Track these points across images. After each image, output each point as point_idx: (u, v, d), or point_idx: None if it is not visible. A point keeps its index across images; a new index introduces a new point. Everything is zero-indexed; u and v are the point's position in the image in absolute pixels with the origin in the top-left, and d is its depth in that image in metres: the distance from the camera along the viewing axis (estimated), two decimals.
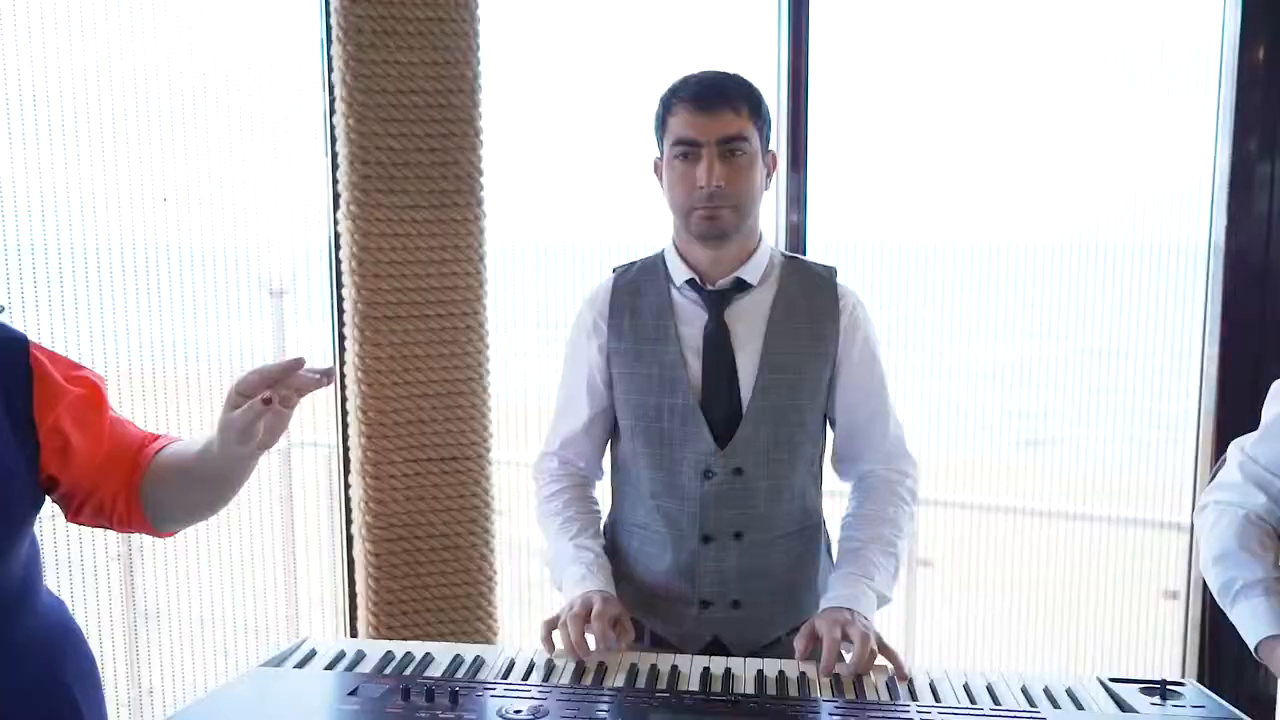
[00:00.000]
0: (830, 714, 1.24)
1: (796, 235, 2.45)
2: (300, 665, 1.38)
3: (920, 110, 2.70)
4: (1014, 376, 3.10)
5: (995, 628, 3.18)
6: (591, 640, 1.42)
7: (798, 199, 2.44)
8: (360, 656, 1.41)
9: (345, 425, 2.18)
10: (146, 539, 2.50)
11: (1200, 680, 2.49)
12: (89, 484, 1.25)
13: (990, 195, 2.74)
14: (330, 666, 1.37)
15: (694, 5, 2.64)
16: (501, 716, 1.20)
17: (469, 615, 2.14)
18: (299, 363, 1.16)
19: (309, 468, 3.14)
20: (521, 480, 2.54)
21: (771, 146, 1.59)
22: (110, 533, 2.52)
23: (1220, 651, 2.52)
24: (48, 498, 1.26)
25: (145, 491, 1.27)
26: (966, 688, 1.33)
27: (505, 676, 1.35)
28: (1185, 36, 2.50)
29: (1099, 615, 3.04)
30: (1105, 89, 2.59)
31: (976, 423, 3.20)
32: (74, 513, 1.29)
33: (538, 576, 2.98)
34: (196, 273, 2.36)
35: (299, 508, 3.09)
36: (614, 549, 1.69)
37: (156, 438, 1.32)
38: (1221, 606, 1.44)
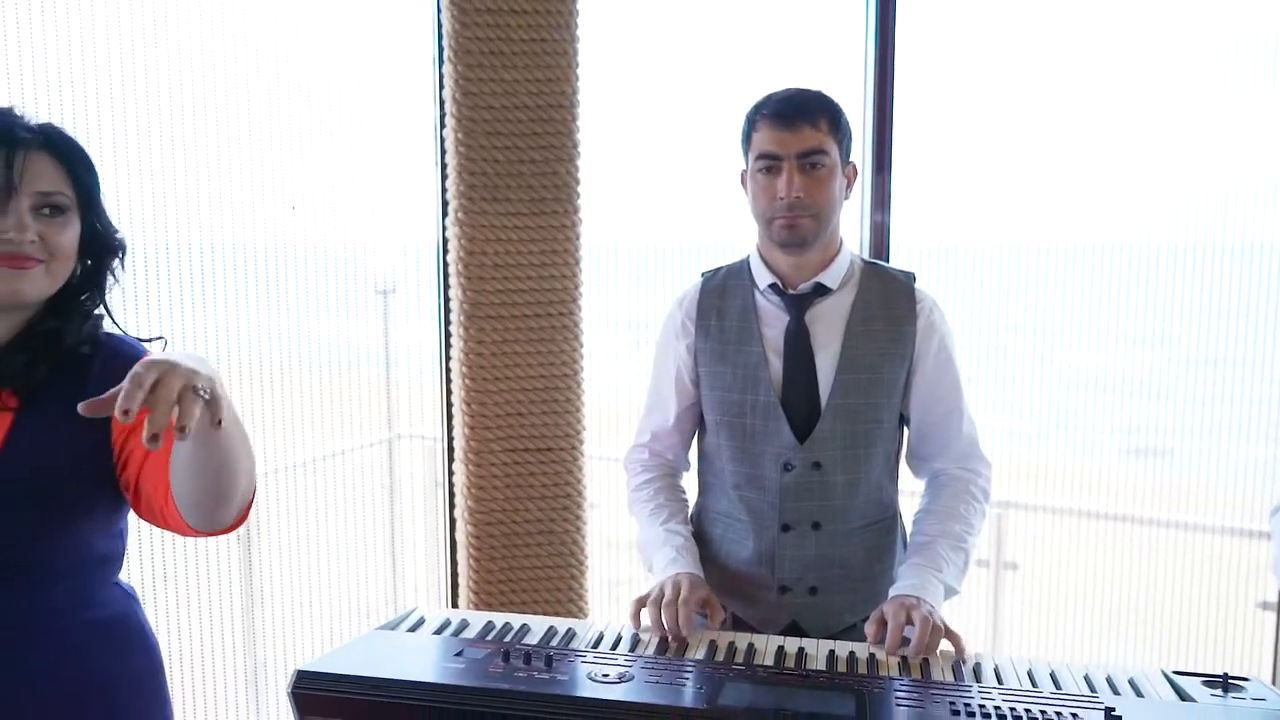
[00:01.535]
0: (896, 691, 1.32)
1: (880, 235, 2.50)
2: (412, 630, 1.52)
3: (1021, 109, 2.67)
4: (1120, 384, 3.02)
5: (1081, 633, 3.16)
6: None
7: (882, 200, 2.49)
8: (464, 624, 1.55)
9: (450, 417, 2.34)
10: (263, 521, 2.71)
11: None
12: (135, 473, 1.26)
13: (1098, 193, 2.68)
14: (438, 632, 1.51)
15: (782, 7, 2.70)
16: (591, 679, 1.32)
17: (561, 597, 2.28)
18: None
19: (413, 458, 3.31)
20: (612, 474, 2.66)
21: (852, 158, 1.68)
22: None
23: None
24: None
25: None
26: (1030, 674, 1.40)
27: (595, 646, 1.46)
28: None
29: (1189, 624, 2.99)
30: (1215, 83, 2.52)
31: (1079, 430, 3.15)
32: (133, 502, 1.30)
33: (626, 573, 3.08)
34: (312, 272, 2.53)
35: (402, 495, 3.27)
36: (700, 536, 1.78)
37: None
38: None
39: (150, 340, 1.37)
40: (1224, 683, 1.37)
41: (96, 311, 1.33)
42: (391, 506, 3.28)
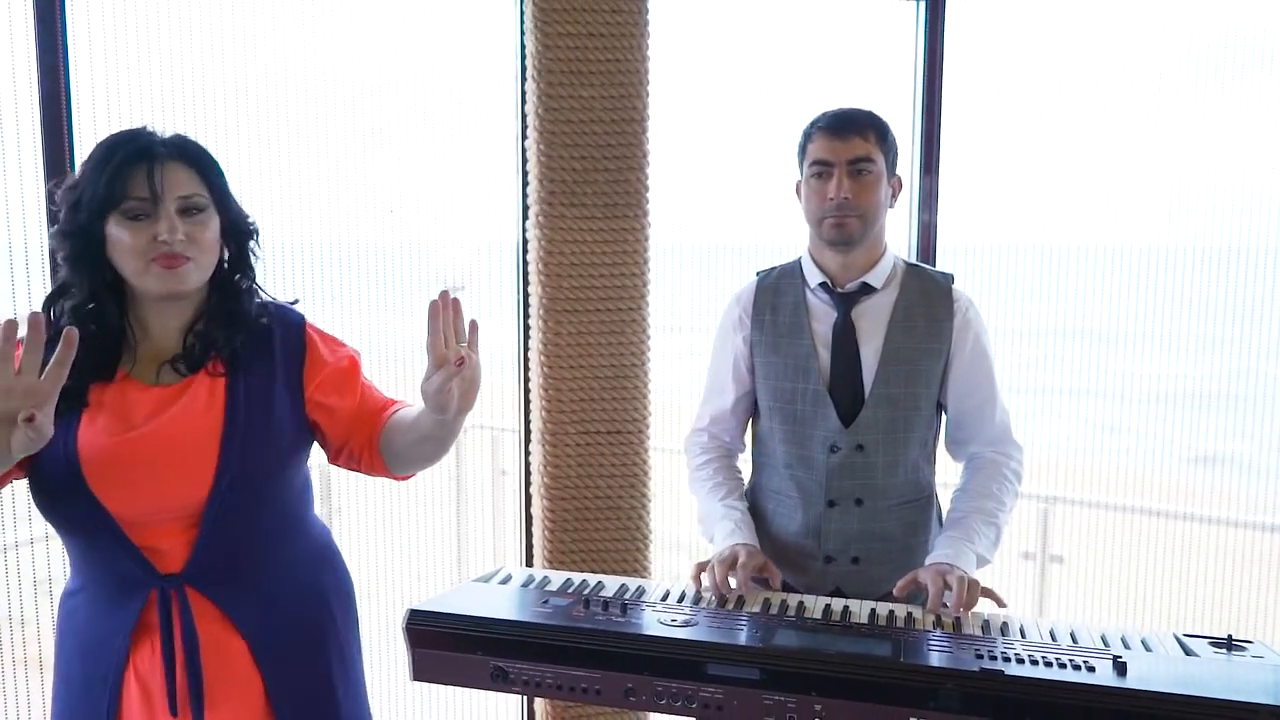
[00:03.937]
0: (929, 640, 1.50)
1: (927, 234, 2.64)
2: (502, 583, 1.73)
3: (1080, 109, 2.70)
4: (1183, 393, 3.02)
5: (1125, 625, 3.23)
6: (733, 583, 1.71)
7: (929, 200, 2.63)
8: (546, 580, 1.76)
9: (527, 402, 2.56)
10: (341, 503, 2.96)
11: None
12: (343, 436, 1.55)
13: (1162, 195, 2.69)
14: (525, 585, 1.72)
15: (835, 20, 2.83)
16: (660, 623, 1.53)
17: (627, 566, 2.48)
18: (442, 304, 1.33)
19: (477, 448, 3.51)
20: (671, 466, 2.82)
21: (899, 171, 1.86)
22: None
23: None
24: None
25: (382, 445, 1.55)
26: (1052, 631, 1.56)
27: (663, 600, 1.66)
28: None
29: (1235, 618, 3.07)
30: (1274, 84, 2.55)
31: (1141, 436, 3.16)
32: (333, 456, 1.60)
33: (685, 568, 3.24)
34: (389, 270, 2.70)
35: (469, 482, 3.47)
36: (753, 511, 1.96)
37: (394, 402, 1.60)
38: None
39: (293, 303, 1.61)
40: (1228, 643, 1.52)
41: (250, 286, 1.56)
42: (457, 492, 3.50)
